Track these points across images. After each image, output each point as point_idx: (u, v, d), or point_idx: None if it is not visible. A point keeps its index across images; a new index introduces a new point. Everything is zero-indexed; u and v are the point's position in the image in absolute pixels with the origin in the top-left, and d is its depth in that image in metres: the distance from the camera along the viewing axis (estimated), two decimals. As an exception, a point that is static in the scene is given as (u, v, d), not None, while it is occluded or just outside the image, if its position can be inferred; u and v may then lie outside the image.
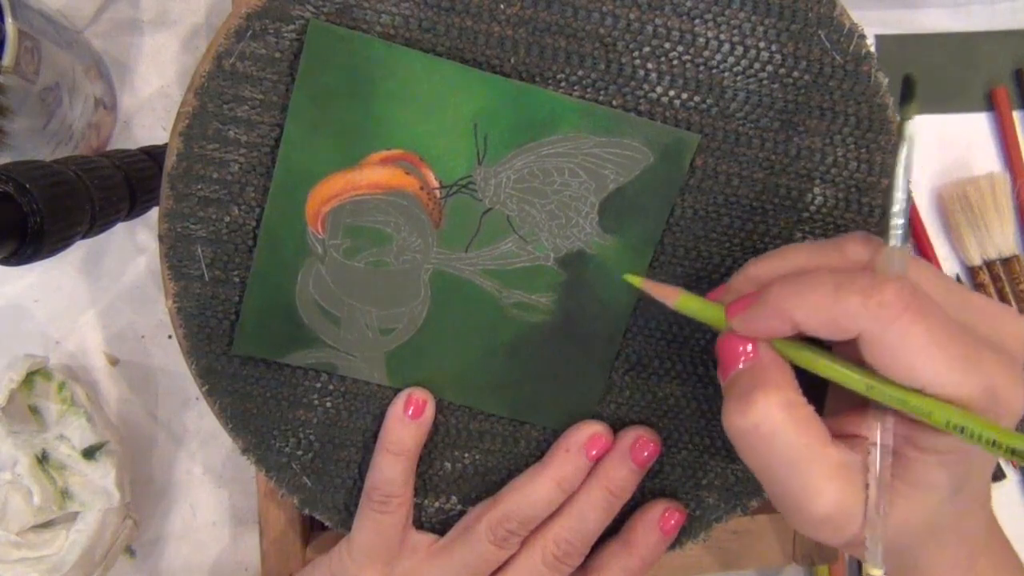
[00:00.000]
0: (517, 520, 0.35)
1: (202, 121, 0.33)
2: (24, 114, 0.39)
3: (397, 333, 0.35)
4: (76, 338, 0.49)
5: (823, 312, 0.25)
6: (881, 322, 0.25)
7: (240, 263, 0.34)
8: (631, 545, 0.37)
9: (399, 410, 0.35)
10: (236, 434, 0.36)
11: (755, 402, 0.27)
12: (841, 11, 0.33)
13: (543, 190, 0.34)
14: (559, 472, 0.35)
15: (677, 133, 0.33)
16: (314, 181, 0.33)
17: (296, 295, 0.35)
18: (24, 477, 0.43)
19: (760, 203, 0.34)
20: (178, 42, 0.49)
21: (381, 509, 0.36)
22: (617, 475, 0.36)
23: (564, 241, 0.34)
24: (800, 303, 0.26)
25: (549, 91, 0.33)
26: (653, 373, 0.36)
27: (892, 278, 0.25)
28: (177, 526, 0.50)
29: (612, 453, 0.36)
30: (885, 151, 0.34)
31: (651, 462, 0.36)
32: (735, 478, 0.37)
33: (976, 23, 0.53)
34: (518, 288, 0.35)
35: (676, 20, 0.32)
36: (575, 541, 0.36)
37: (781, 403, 0.27)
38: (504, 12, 0.32)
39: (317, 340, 0.35)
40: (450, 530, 0.37)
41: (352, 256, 0.34)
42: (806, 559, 0.43)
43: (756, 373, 0.28)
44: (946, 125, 0.54)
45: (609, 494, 0.36)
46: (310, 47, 0.32)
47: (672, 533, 0.37)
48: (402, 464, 0.35)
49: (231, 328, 0.35)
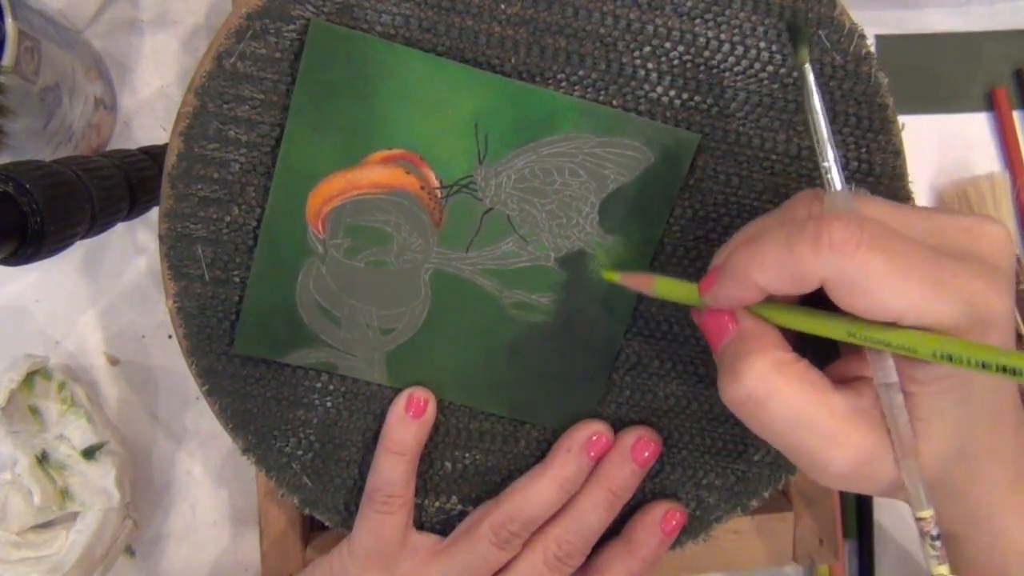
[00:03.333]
0: (519, 522, 0.35)
1: (202, 121, 0.33)
2: (24, 114, 0.39)
3: (397, 333, 0.35)
4: (76, 338, 0.49)
5: (780, 268, 0.25)
6: (837, 263, 0.24)
7: (240, 263, 0.34)
8: (633, 546, 0.37)
9: (400, 410, 0.35)
10: (236, 434, 0.36)
11: (744, 369, 0.26)
12: (841, 11, 0.33)
13: (543, 190, 0.34)
14: (561, 473, 0.35)
15: (677, 133, 0.33)
16: (315, 181, 0.33)
17: (296, 295, 0.35)
18: (24, 477, 0.43)
19: (760, 203, 0.34)
20: (178, 42, 0.49)
21: (383, 510, 0.35)
22: (618, 475, 0.36)
23: (564, 241, 0.34)
24: (758, 265, 0.25)
25: (549, 91, 0.33)
26: (653, 373, 0.36)
27: (838, 217, 0.24)
28: (177, 526, 0.50)
29: (613, 453, 0.36)
30: (886, 151, 0.34)
31: (652, 462, 0.36)
32: (735, 478, 0.37)
33: (976, 23, 0.53)
34: (518, 288, 0.35)
35: (676, 20, 0.32)
36: (576, 541, 0.36)
37: (770, 364, 0.26)
38: (504, 12, 0.32)
39: (317, 340, 0.35)
40: (452, 532, 0.37)
41: (353, 256, 0.34)
42: (806, 559, 0.43)
43: (741, 342, 0.27)
44: (946, 125, 0.54)
45: (610, 494, 0.36)
46: (311, 46, 0.32)
47: (673, 534, 0.37)
48: (404, 464, 0.35)
49: (231, 328, 0.35)
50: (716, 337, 0.28)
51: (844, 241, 0.24)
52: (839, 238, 0.24)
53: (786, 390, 0.26)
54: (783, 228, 0.25)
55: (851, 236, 0.24)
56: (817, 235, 0.24)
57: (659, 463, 0.37)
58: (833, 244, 0.24)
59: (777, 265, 0.25)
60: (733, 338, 0.28)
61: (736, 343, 0.28)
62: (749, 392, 0.26)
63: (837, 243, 0.24)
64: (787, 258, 0.25)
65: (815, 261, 0.24)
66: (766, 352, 0.27)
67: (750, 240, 0.27)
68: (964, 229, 0.26)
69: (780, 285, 0.25)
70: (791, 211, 0.28)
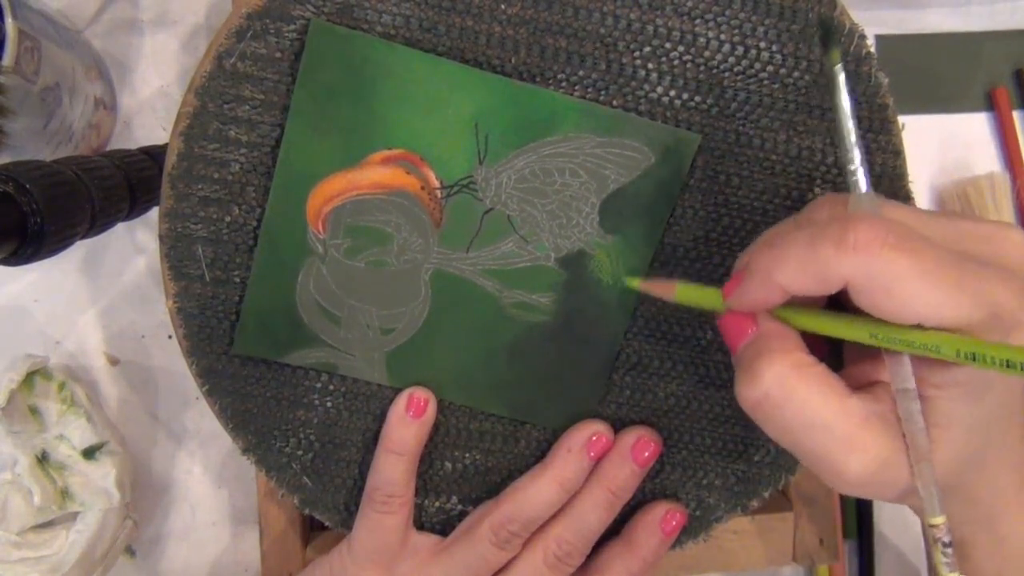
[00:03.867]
0: (519, 522, 0.35)
1: (202, 121, 0.33)
2: (24, 114, 0.39)
3: (397, 333, 0.35)
4: (76, 338, 0.49)
5: (804, 268, 0.25)
6: (861, 263, 0.24)
7: (240, 263, 0.34)
8: (633, 546, 0.37)
9: (401, 410, 0.35)
10: (236, 434, 0.36)
11: (761, 371, 0.26)
12: (841, 11, 0.33)
13: (544, 190, 0.34)
14: (561, 473, 0.35)
15: (678, 133, 0.33)
16: (315, 181, 0.33)
17: (297, 295, 0.35)
18: (24, 477, 0.43)
19: (760, 203, 0.34)
20: (178, 42, 0.49)
21: (383, 510, 0.35)
22: (618, 475, 0.36)
23: (565, 241, 0.34)
24: (781, 266, 0.25)
25: (550, 91, 0.33)
26: (653, 373, 0.36)
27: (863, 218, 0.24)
28: (177, 526, 0.50)
29: (613, 453, 0.36)
30: (886, 151, 0.34)
31: (652, 462, 0.36)
32: (735, 478, 0.37)
33: (976, 23, 0.53)
34: (519, 288, 0.35)
35: (677, 20, 0.32)
36: (576, 541, 0.36)
37: (787, 366, 0.26)
38: (505, 12, 0.32)
39: (317, 340, 0.35)
40: (452, 532, 0.37)
41: (353, 256, 0.34)
42: (806, 559, 0.43)
43: (759, 343, 0.27)
44: (946, 125, 0.54)
45: (610, 494, 0.36)
46: (311, 46, 0.32)
47: (673, 534, 0.37)
48: (404, 464, 0.35)
49: (231, 328, 0.35)
50: (735, 339, 0.28)
51: (869, 241, 0.24)
52: (864, 238, 0.24)
53: (804, 392, 0.26)
54: (806, 229, 0.25)
55: (876, 237, 0.24)
56: (842, 235, 0.24)
57: (659, 463, 0.37)
58: (858, 244, 0.24)
59: (801, 265, 0.25)
60: (752, 340, 0.28)
61: (755, 344, 0.27)
62: (766, 393, 0.26)
63: (862, 243, 0.24)
64: (811, 258, 0.25)
65: (839, 261, 0.24)
66: (785, 354, 0.26)
67: (772, 242, 0.26)
68: (986, 236, 0.26)
69: (803, 286, 0.25)
70: (812, 214, 0.28)
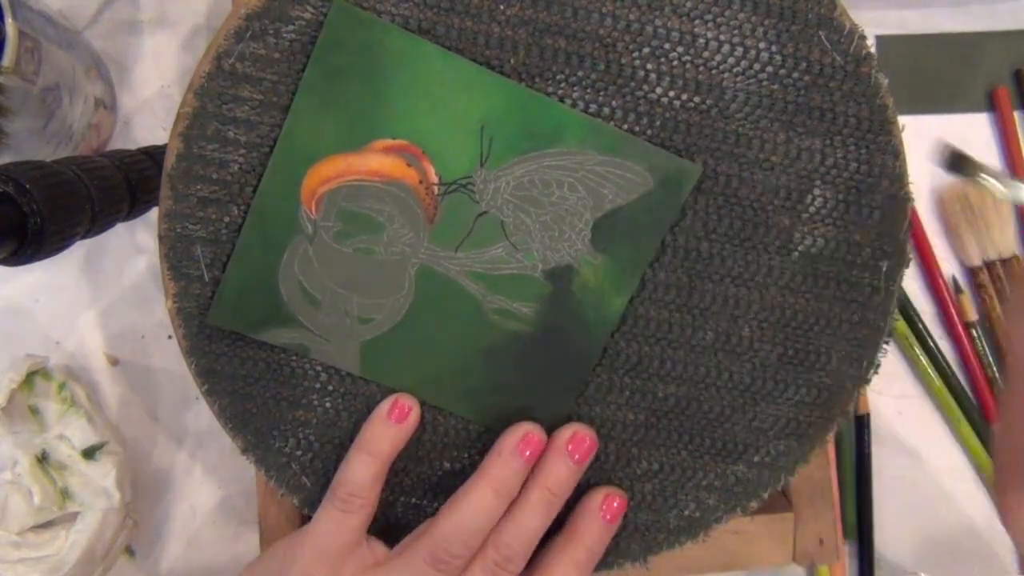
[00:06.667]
0: (459, 540, 0.34)
1: (202, 121, 0.33)
2: (24, 114, 0.39)
3: (375, 323, 0.35)
4: (76, 338, 0.49)
5: None
6: None
7: (240, 263, 0.34)
8: (576, 537, 0.35)
9: (383, 412, 0.35)
10: (236, 434, 0.36)
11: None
12: (841, 12, 0.33)
13: (540, 200, 0.34)
14: (495, 478, 0.34)
15: (680, 163, 0.33)
16: (314, 160, 0.33)
17: (280, 272, 0.34)
18: (24, 477, 0.43)
19: (760, 204, 0.34)
20: (178, 42, 0.49)
21: (342, 507, 0.35)
22: (554, 473, 0.34)
23: (554, 254, 0.34)
24: None
25: (561, 105, 0.33)
26: (653, 374, 0.36)
27: None
28: (177, 526, 0.50)
29: (549, 451, 0.35)
30: (885, 152, 0.34)
31: (589, 457, 0.35)
32: (735, 479, 0.37)
33: (976, 23, 0.53)
34: (502, 294, 0.35)
35: (676, 21, 0.32)
36: (514, 544, 0.34)
37: None
38: (504, 13, 0.32)
39: (294, 320, 0.35)
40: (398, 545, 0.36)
41: (342, 240, 0.34)
42: (806, 559, 0.43)
43: None
44: (946, 125, 0.54)
45: (548, 493, 0.34)
46: (331, 25, 0.32)
47: (616, 520, 0.36)
48: (374, 467, 0.35)
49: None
50: None
51: None
52: None
53: None
54: None
55: None
56: None
57: (659, 463, 0.37)
58: None
59: None
60: None
61: None
62: None
63: None
64: None
65: None
66: None
67: None
68: None
69: None
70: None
